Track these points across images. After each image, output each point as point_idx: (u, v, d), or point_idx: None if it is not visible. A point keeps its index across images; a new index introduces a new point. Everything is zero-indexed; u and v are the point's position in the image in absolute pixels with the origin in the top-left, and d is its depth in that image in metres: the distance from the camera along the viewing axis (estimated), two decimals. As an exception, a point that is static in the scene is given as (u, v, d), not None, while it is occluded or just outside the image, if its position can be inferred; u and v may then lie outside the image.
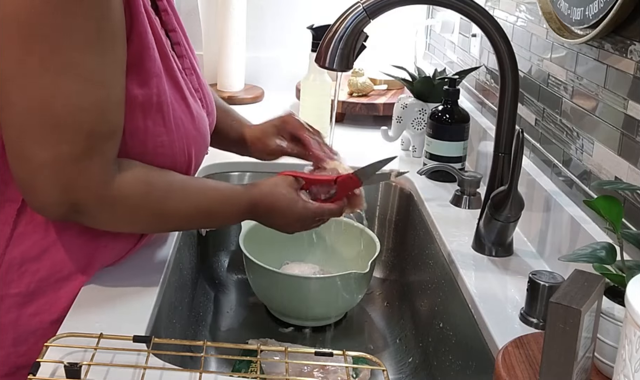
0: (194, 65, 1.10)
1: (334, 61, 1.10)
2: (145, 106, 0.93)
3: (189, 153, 1.00)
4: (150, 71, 0.92)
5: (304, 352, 0.90)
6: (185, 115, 0.99)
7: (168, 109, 0.95)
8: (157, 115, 0.94)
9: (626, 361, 0.64)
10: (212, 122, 1.14)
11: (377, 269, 1.48)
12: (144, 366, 0.79)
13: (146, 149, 0.94)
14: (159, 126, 0.95)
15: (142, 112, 0.93)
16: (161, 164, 0.96)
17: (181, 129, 0.98)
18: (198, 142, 1.02)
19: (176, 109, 0.97)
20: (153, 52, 0.93)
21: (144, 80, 0.92)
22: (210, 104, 1.13)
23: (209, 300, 1.43)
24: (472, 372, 1.03)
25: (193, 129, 1.01)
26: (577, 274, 0.74)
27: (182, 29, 1.11)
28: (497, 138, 1.17)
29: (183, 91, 1.00)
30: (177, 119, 0.97)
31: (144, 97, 0.92)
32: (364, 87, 1.95)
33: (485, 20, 1.11)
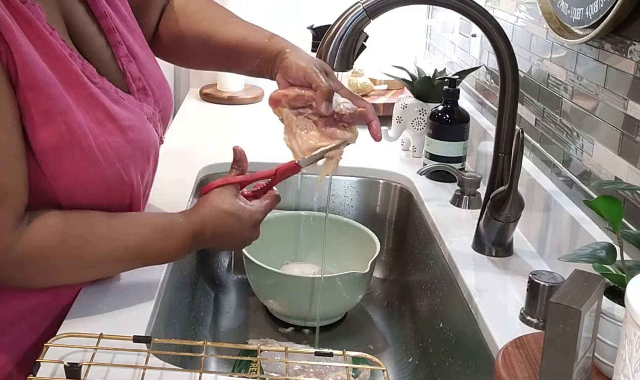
0: (133, 50, 1.02)
1: (334, 61, 1.10)
2: (58, 147, 0.85)
3: (127, 174, 0.92)
4: (52, 110, 0.84)
5: (304, 352, 0.90)
6: (112, 134, 0.90)
7: (87, 140, 0.87)
8: (75, 152, 0.86)
9: (626, 361, 0.64)
10: (164, 107, 1.05)
11: (377, 269, 1.48)
12: (144, 366, 0.79)
13: (73, 188, 0.89)
14: (80, 162, 0.87)
15: (56, 154, 0.86)
16: (97, 197, 0.90)
17: (110, 153, 0.90)
18: (136, 155, 0.94)
19: (98, 134, 0.89)
20: (49, 89, 0.84)
21: (47, 120, 0.84)
22: (159, 88, 1.04)
23: (209, 300, 1.43)
24: (472, 372, 1.03)
25: (126, 143, 0.92)
26: (577, 274, 0.74)
27: (115, 8, 1.02)
28: (497, 138, 1.17)
29: (104, 106, 0.91)
30: (103, 144, 0.89)
31: (53, 137, 0.85)
32: (364, 87, 1.95)
33: (485, 20, 1.11)
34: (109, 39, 0.99)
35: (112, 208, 0.94)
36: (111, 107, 0.92)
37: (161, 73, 1.08)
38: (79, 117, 0.87)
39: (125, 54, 1.00)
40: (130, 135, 0.93)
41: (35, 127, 0.84)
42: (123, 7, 1.05)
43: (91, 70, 0.93)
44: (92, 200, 0.91)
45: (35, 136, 0.84)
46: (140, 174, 0.96)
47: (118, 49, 1.00)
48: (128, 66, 1.00)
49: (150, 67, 1.05)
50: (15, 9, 0.84)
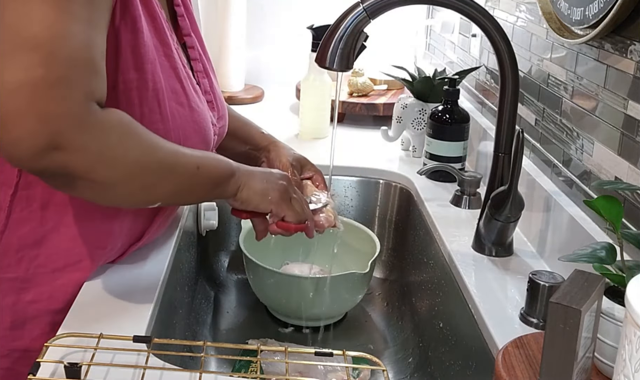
0: (207, 70, 1.12)
1: (334, 61, 1.10)
2: (141, 90, 0.93)
3: (184, 143, 0.98)
4: (145, 57, 0.93)
5: (304, 352, 0.90)
6: (182, 106, 0.99)
7: (163, 97, 0.96)
8: (153, 102, 0.94)
9: (626, 361, 0.64)
10: (223, 126, 1.14)
11: (377, 269, 1.48)
12: (144, 366, 0.79)
13: None
14: (154, 113, 0.95)
15: (138, 96, 0.93)
16: None
17: (177, 119, 0.98)
18: (196, 136, 1.02)
19: (172, 99, 0.97)
20: (146, 38, 0.93)
21: (139, 64, 0.92)
22: (222, 109, 1.14)
23: (209, 300, 1.43)
24: (472, 372, 1.03)
25: (191, 122, 1.00)
26: (577, 274, 0.74)
27: (197, 35, 1.13)
28: (497, 138, 1.17)
29: (183, 83, 1.00)
30: (173, 109, 0.97)
31: (139, 81, 0.93)
32: (364, 87, 1.95)
33: (485, 20, 1.11)
34: (190, 54, 1.10)
35: None
36: (188, 87, 1.01)
37: (223, 97, 1.18)
38: (162, 76, 0.96)
39: (201, 70, 1.11)
40: (196, 117, 1.02)
41: (127, 66, 0.92)
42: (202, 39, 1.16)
43: (182, 57, 1.03)
44: None
45: (125, 73, 0.92)
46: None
47: (196, 63, 1.10)
48: (202, 80, 1.10)
49: (217, 89, 1.15)
50: None
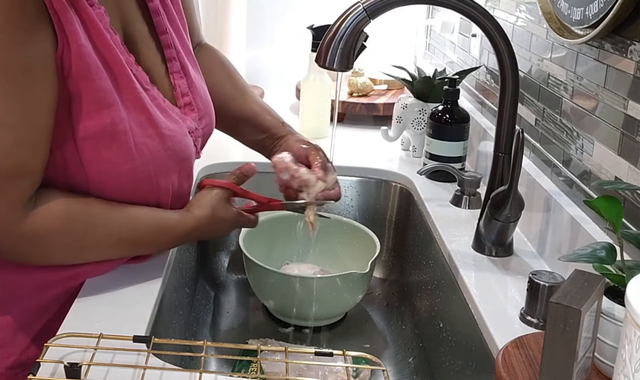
0: (186, 68, 1.08)
1: (334, 61, 1.10)
2: (98, 137, 0.91)
3: (156, 177, 0.98)
4: (100, 102, 0.90)
5: (304, 352, 0.90)
6: (151, 138, 0.96)
7: (127, 137, 0.93)
8: (113, 145, 0.92)
9: (626, 361, 0.64)
10: (207, 125, 1.12)
11: (377, 269, 1.48)
12: (144, 366, 0.79)
13: (106, 177, 0.94)
14: (116, 155, 0.92)
15: (96, 142, 0.91)
16: (125, 192, 0.96)
17: (146, 154, 0.95)
18: (170, 162, 0.99)
19: (139, 134, 0.94)
20: (100, 82, 0.90)
21: (93, 111, 0.90)
22: (205, 107, 1.10)
23: (209, 300, 1.43)
24: (472, 372, 1.03)
25: (162, 150, 0.98)
26: (577, 274, 0.74)
27: (176, 28, 1.08)
28: (497, 138, 1.17)
29: (148, 112, 0.96)
30: (141, 145, 0.95)
31: (97, 127, 0.90)
32: (364, 87, 1.95)
33: (485, 20, 1.11)
34: (165, 54, 1.05)
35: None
36: (155, 114, 0.98)
37: (208, 94, 1.14)
38: (124, 115, 0.93)
39: (178, 70, 1.06)
40: (168, 143, 0.99)
41: (82, 115, 0.90)
42: (182, 28, 1.11)
43: (144, 77, 0.99)
44: (119, 195, 0.96)
45: (80, 123, 0.90)
46: (170, 183, 1.02)
47: (172, 64, 1.06)
48: (178, 81, 1.06)
49: (198, 86, 1.11)
50: (82, 8, 0.89)
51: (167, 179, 1.00)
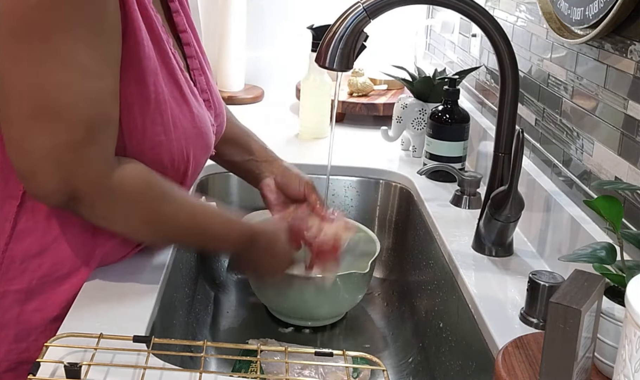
0: (204, 67, 1.11)
1: (334, 61, 1.10)
2: (143, 104, 0.93)
3: (187, 153, 1.00)
4: (147, 70, 0.93)
5: (304, 352, 0.90)
6: (184, 114, 0.99)
7: (166, 107, 0.96)
8: (155, 114, 0.94)
9: (626, 361, 0.64)
10: (220, 124, 1.14)
11: (377, 269, 1.48)
12: (144, 366, 0.79)
13: (144, 148, 0.95)
14: (157, 125, 0.95)
15: (139, 110, 0.93)
16: (159, 163, 0.96)
17: (179, 128, 0.98)
18: (198, 142, 1.02)
19: (174, 108, 0.97)
20: (149, 50, 0.93)
21: (140, 77, 0.92)
22: (219, 106, 1.14)
23: (209, 300, 1.43)
24: (472, 372, 1.03)
25: (192, 128, 1.00)
26: (577, 274, 0.74)
27: (193, 31, 1.12)
28: (497, 138, 1.17)
29: (182, 89, 1.00)
30: (175, 118, 0.97)
31: (140, 94, 0.93)
32: (364, 87, 1.95)
33: (485, 20, 1.11)
34: (186, 51, 1.08)
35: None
36: (187, 93, 1.01)
37: (220, 96, 1.18)
38: (164, 87, 0.96)
39: (197, 68, 1.09)
40: (197, 123, 1.02)
41: (129, 81, 0.92)
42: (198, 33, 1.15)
43: (180, 61, 1.02)
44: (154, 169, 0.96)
45: (126, 89, 0.91)
46: (195, 165, 1.04)
47: (192, 61, 1.09)
48: (198, 78, 1.09)
49: (214, 87, 1.14)
50: None
51: (194, 159, 1.02)
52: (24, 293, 0.97)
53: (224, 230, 1.04)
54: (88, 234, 0.99)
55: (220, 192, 1.57)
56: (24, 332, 0.98)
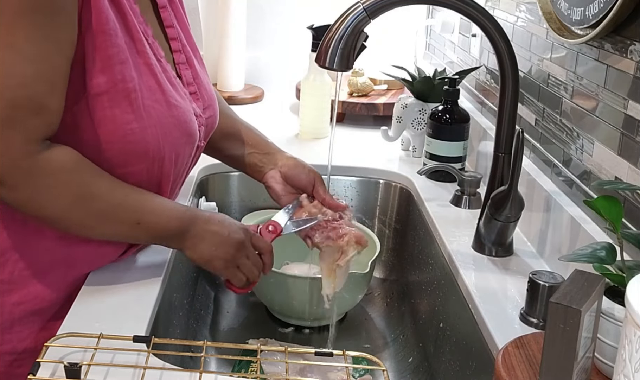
0: (191, 61, 1.11)
1: (334, 61, 1.10)
2: (110, 93, 0.93)
3: (162, 142, 0.98)
4: (113, 58, 0.92)
5: (304, 352, 0.90)
6: (159, 102, 0.98)
7: (136, 95, 0.95)
8: (124, 102, 0.94)
9: (626, 361, 0.64)
10: (211, 117, 1.13)
11: (377, 269, 1.48)
12: (144, 366, 0.79)
13: (115, 137, 0.94)
14: (126, 113, 0.94)
15: (108, 99, 0.93)
16: (133, 151, 0.96)
17: (154, 116, 0.97)
18: (176, 131, 1.00)
19: (147, 96, 0.97)
20: (115, 39, 0.93)
21: (105, 67, 0.92)
22: (209, 99, 1.12)
23: (209, 300, 1.43)
24: (472, 372, 1.03)
25: (169, 117, 0.99)
26: (577, 274, 0.74)
27: (183, 26, 1.11)
28: (497, 138, 1.17)
29: (158, 78, 0.99)
30: (148, 107, 0.96)
31: (108, 84, 0.92)
32: (364, 87, 1.95)
33: (485, 20, 1.11)
34: (172, 45, 1.08)
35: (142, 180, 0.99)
36: (164, 82, 1.00)
37: (212, 88, 1.16)
38: (135, 75, 0.95)
39: (184, 62, 1.09)
40: (174, 111, 1.00)
41: (95, 70, 0.92)
42: (188, 27, 1.15)
43: (159, 51, 1.02)
44: (128, 158, 0.96)
45: (92, 79, 0.92)
46: (175, 156, 1.02)
47: (178, 55, 1.08)
48: (184, 71, 1.08)
49: (203, 80, 1.13)
50: None
51: (171, 149, 1.00)
52: (5, 284, 0.98)
53: (161, 206, 1.00)
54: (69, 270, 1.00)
55: (220, 192, 1.57)
56: (6, 323, 0.98)
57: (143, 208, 0.98)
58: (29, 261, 0.98)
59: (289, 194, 1.22)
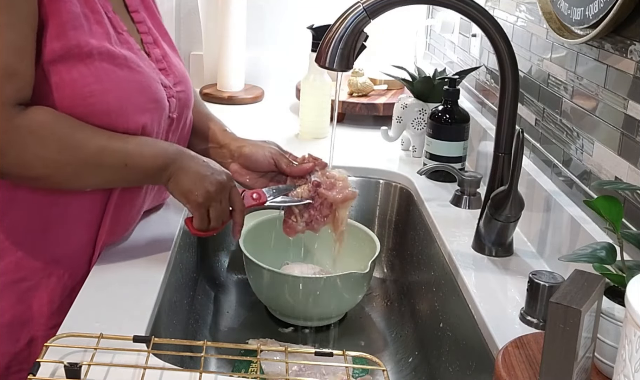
0: (158, 41, 1.13)
1: (334, 61, 1.10)
2: (66, 58, 0.95)
3: (126, 103, 1.00)
4: (67, 24, 0.95)
5: (304, 352, 0.90)
6: (119, 67, 1.00)
7: (93, 59, 0.97)
8: (81, 65, 0.96)
9: (626, 361, 0.64)
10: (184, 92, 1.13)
11: (377, 269, 1.48)
12: (144, 366, 0.79)
13: (76, 99, 0.96)
14: (85, 77, 0.96)
15: (64, 65, 0.95)
16: (95, 113, 0.97)
17: (114, 79, 0.99)
18: (140, 95, 1.02)
19: (107, 60, 0.99)
20: (70, 6, 0.96)
21: (60, 32, 0.95)
22: (180, 76, 1.14)
23: (209, 300, 1.43)
24: (472, 372, 1.03)
25: (132, 81, 1.01)
26: (577, 274, 0.74)
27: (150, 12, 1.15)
28: (497, 138, 1.17)
29: (118, 46, 1.01)
30: (108, 70, 0.98)
31: (62, 49, 0.95)
32: (364, 87, 1.95)
33: (485, 20, 1.11)
34: (138, 27, 1.11)
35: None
36: (125, 51, 1.02)
37: (184, 69, 1.17)
38: (91, 41, 0.98)
39: (150, 42, 1.12)
40: (136, 76, 1.02)
41: (50, 38, 0.95)
42: (157, 16, 1.18)
43: (120, 25, 1.05)
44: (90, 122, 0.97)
45: (47, 46, 0.95)
46: (142, 122, 1.02)
47: (145, 36, 1.11)
48: (152, 50, 1.11)
49: (174, 59, 1.15)
50: None
51: (136, 113, 1.01)
52: None
53: (145, 145, 1.01)
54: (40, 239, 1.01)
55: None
56: None
57: (127, 149, 0.99)
58: (4, 234, 1.00)
59: (258, 180, 1.20)
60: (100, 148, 0.97)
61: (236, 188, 1.09)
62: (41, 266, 1.03)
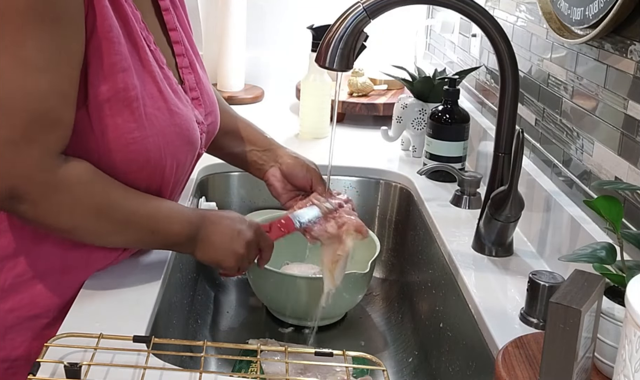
0: (194, 65, 1.10)
1: (334, 61, 1.10)
2: (112, 102, 0.92)
3: (164, 150, 0.98)
4: (115, 66, 0.91)
5: (304, 352, 0.90)
6: (161, 111, 0.97)
7: (138, 104, 0.94)
8: (126, 111, 0.93)
9: (626, 361, 0.64)
10: (212, 123, 1.13)
11: (377, 269, 1.48)
12: (144, 366, 0.79)
13: (118, 145, 0.93)
14: (128, 122, 0.93)
15: (109, 108, 0.92)
16: (134, 160, 0.95)
17: (156, 124, 0.96)
18: (177, 139, 1.00)
19: (149, 105, 0.96)
20: (119, 46, 0.92)
21: (108, 74, 0.91)
22: (211, 105, 1.12)
23: (209, 300, 1.43)
24: (472, 372, 1.03)
25: (170, 125, 0.98)
26: (577, 274, 0.74)
27: (185, 29, 1.11)
28: (497, 138, 1.17)
29: (160, 86, 0.98)
30: (150, 115, 0.96)
31: (110, 92, 0.91)
32: (364, 87, 1.95)
33: (485, 20, 1.11)
34: (175, 49, 1.07)
35: (142, 187, 0.98)
36: (166, 90, 0.99)
37: (213, 94, 1.16)
38: (137, 83, 0.94)
39: (187, 66, 1.08)
40: (176, 120, 1.00)
41: (97, 79, 0.91)
42: (190, 29, 1.15)
43: (161, 58, 1.01)
44: (129, 167, 0.95)
45: (94, 88, 0.91)
46: (176, 164, 1.01)
47: (181, 59, 1.08)
48: (187, 76, 1.08)
49: (206, 85, 1.13)
50: None
51: (173, 157, 1.00)
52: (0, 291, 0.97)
53: (173, 212, 1.00)
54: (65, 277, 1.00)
55: (220, 192, 1.57)
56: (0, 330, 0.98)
57: (157, 216, 0.98)
58: (24, 268, 0.98)
59: (288, 192, 1.23)
60: (132, 212, 0.96)
61: (264, 234, 1.09)
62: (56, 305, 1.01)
